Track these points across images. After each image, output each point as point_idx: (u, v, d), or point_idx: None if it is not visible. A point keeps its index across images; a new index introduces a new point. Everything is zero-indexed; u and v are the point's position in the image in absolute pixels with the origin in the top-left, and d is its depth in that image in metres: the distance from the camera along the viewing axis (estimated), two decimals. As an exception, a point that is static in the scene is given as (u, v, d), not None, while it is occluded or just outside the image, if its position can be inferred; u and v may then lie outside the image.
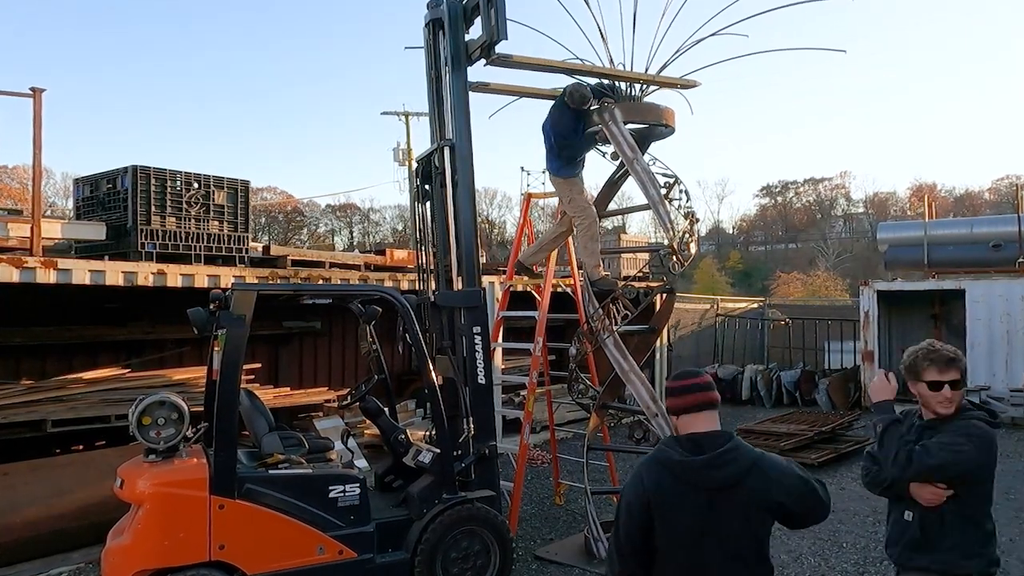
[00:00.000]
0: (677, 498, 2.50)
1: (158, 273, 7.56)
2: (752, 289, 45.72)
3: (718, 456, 2.47)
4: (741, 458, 2.49)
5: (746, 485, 2.47)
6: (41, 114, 7.18)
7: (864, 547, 6.56)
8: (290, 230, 60.48)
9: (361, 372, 9.89)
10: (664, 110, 6.44)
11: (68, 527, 6.35)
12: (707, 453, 2.48)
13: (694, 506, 2.48)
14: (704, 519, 2.48)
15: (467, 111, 5.74)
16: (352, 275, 9.82)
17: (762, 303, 20.66)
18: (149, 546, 4.39)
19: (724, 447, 2.49)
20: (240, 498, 4.59)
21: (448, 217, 5.72)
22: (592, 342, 6.50)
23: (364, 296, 6.21)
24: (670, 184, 6.31)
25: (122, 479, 4.59)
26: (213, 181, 8.49)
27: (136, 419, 4.55)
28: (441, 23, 5.81)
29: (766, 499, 2.48)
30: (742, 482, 2.46)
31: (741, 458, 2.49)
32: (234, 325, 4.73)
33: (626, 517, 2.57)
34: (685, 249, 5.99)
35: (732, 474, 2.47)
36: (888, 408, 3.16)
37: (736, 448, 2.51)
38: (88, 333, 8.98)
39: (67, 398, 7.68)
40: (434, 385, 5.40)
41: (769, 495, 2.48)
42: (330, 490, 4.88)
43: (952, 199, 63.44)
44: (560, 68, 6.30)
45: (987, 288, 13.17)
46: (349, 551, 4.84)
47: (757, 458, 2.51)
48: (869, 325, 14.41)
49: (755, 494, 2.47)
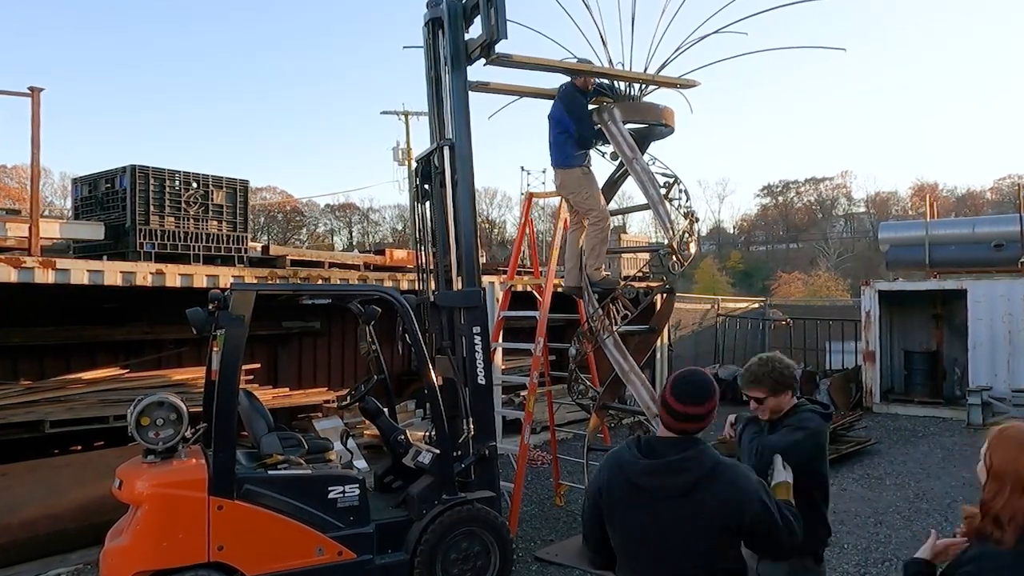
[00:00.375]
0: (623, 499, 2.44)
1: (157, 273, 7.57)
2: (753, 289, 45.76)
3: (667, 463, 2.36)
4: (696, 468, 2.34)
5: (694, 498, 2.32)
6: (39, 113, 7.19)
7: (865, 548, 6.56)
8: (289, 230, 60.51)
9: (360, 372, 9.90)
10: (663, 109, 6.45)
11: (66, 528, 6.35)
12: (658, 458, 2.39)
13: (639, 510, 2.40)
14: (646, 526, 2.39)
15: (467, 111, 5.74)
16: (351, 275, 9.83)
17: (763, 303, 20.69)
18: (148, 547, 4.39)
19: (679, 455, 2.36)
20: (239, 499, 4.59)
21: (448, 217, 5.72)
22: (592, 342, 6.51)
23: (363, 296, 6.21)
24: (670, 184, 6.32)
25: (120, 480, 4.60)
26: (212, 181, 8.50)
27: (135, 420, 4.55)
28: (441, 22, 5.81)
29: (714, 516, 2.32)
30: (689, 494, 2.32)
31: (696, 468, 2.34)
32: (233, 325, 4.73)
33: (586, 508, 2.64)
34: (685, 249, 6.00)
35: (680, 484, 2.33)
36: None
37: (693, 458, 2.36)
38: (86, 333, 8.99)
39: (65, 399, 7.69)
40: (434, 385, 5.40)
41: (719, 512, 2.32)
42: (329, 491, 4.88)
43: (954, 199, 63.51)
44: (560, 68, 6.30)
45: (989, 288, 13.17)
46: (348, 552, 4.84)
47: (716, 471, 2.35)
48: (870, 325, 14.42)
49: (703, 508, 2.31)
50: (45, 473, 6.75)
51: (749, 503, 2.36)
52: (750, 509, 2.35)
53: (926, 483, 8.79)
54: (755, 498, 2.37)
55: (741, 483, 2.38)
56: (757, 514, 2.36)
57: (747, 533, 2.39)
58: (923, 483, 8.80)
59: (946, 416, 13.13)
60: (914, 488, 8.57)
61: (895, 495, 8.27)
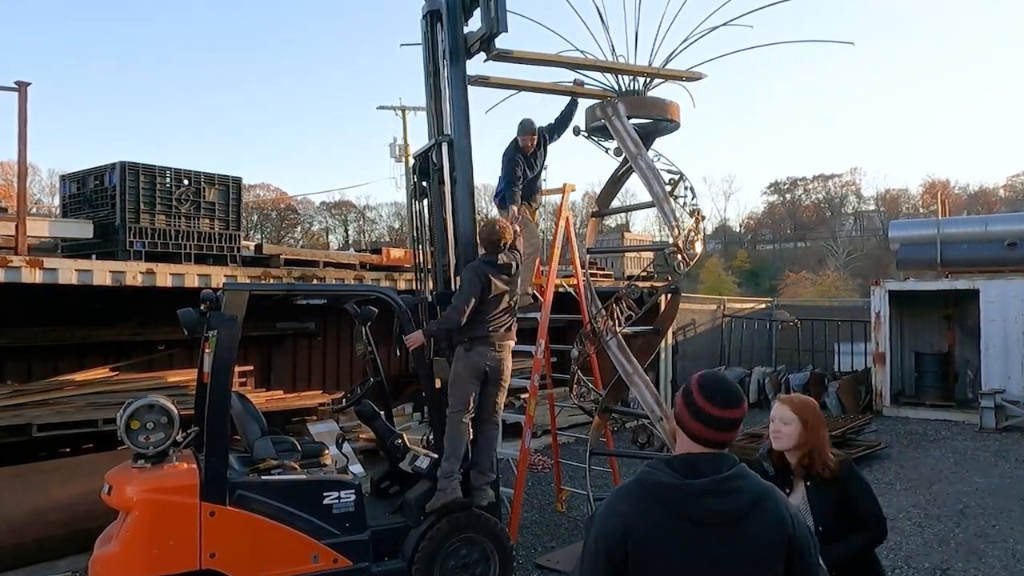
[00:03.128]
0: (666, 533, 2.00)
1: (147, 273, 7.56)
2: (760, 289, 45.77)
3: (722, 481, 2.02)
4: (748, 487, 2.05)
5: (754, 519, 2.02)
6: (27, 109, 7.18)
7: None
8: (283, 228, 60.47)
9: (356, 375, 9.91)
10: (669, 104, 6.44)
11: (54, 535, 6.33)
12: (708, 477, 2.03)
13: (689, 544, 2.00)
14: (701, 562, 2.00)
15: (466, 106, 5.73)
16: (347, 275, 9.82)
17: (770, 303, 20.67)
18: (138, 554, 4.38)
19: (728, 472, 2.05)
20: (232, 505, 4.58)
21: (446, 215, 5.72)
22: (595, 344, 6.50)
23: (360, 296, 6.21)
24: (675, 181, 6.32)
25: (110, 485, 4.59)
26: (204, 178, 8.49)
27: (124, 423, 4.54)
28: (439, 15, 5.80)
29: (777, 537, 2.03)
30: (749, 515, 2.02)
31: (748, 487, 2.05)
32: (225, 326, 4.73)
33: (593, 558, 2.05)
34: (690, 247, 5.99)
35: (738, 505, 2.02)
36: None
37: (742, 476, 2.06)
38: (75, 334, 8.98)
39: (53, 401, 7.68)
40: (432, 388, 5.39)
41: (782, 532, 2.04)
42: (324, 496, 4.87)
43: (966, 196, 63.43)
44: (562, 63, 6.30)
45: (1002, 288, 13.18)
46: (344, 559, 4.84)
47: (767, 489, 2.09)
48: (881, 326, 14.42)
49: (767, 531, 2.03)
50: (32, 478, 6.74)
51: (800, 525, 2.09)
52: (800, 532, 2.07)
53: (938, 488, 8.79)
54: (802, 520, 2.12)
55: (793, 507, 2.16)
56: (805, 538, 2.08)
57: (794, 557, 2.06)
58: (935, 488, 8.79)
59: (958, 419, 13.12)
60: (925, 494, 8.57)
61: (906, 501, 8.26)
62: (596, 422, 6.66)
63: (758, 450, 3.49)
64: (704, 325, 17.72)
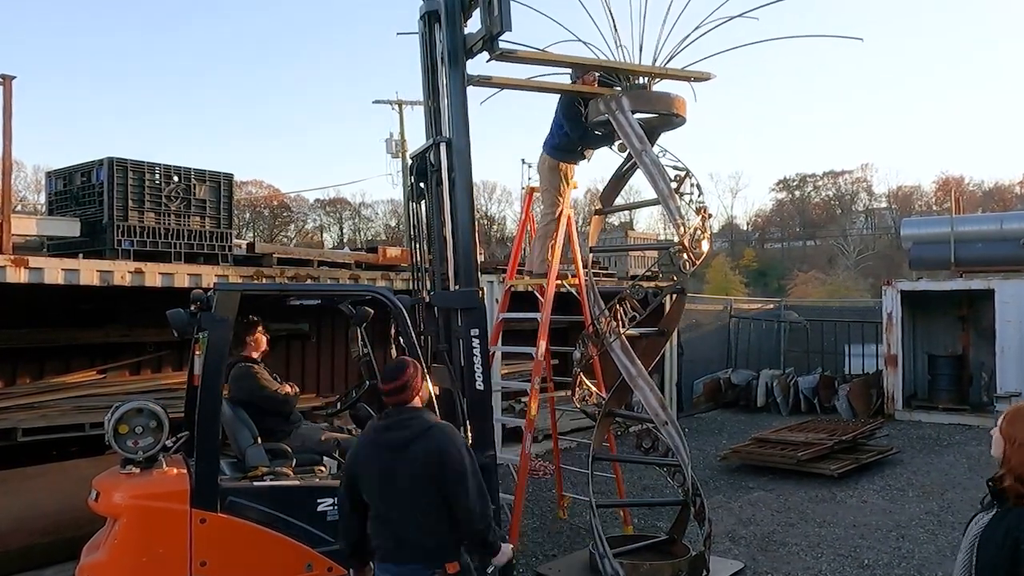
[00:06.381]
0: (366, 456, 3.57)
1: (136, 272, 7.56)
2: (768, 289, 45.85)
3: (396, 420, 3.53)
4: (416, 425, 3.49)
5: (416, 447, 3.42)
6: (11, 103, 7.19)
7: (887, 563, 6.57)
8: (276, 226, 60.49)
9: (351, 377, 9.90)
10: (675, 99, 6.43)
11: (39, 542, 6.34)
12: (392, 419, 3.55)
13: (376, 462, 3.50)
14: (384, 475, 3.44)
15: (465, 107, 5.69)
16: (342, 274, 9.83)
17: (778, 304, 20.69)
18: (126, 563, 4.38)
19: (402, 416, 3.53)
20: (223, 511, 4.57)
21: (445, 215, 5.71)
22: (598, 345, 6.50)
23: (355, 297, 6.21)
24: (681, 177, 6.31)
25: (97, 491, 4.58)
26: (194, 174, 8.49)
27: (112, 427, 4.54)
28: (437, 15, 5.77)
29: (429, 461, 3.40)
30: (412, 444, 3.43)
31: (416, 425, 3.49)
32: (217, 327, 4.72)
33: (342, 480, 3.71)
34: (696, 246, 5.98)
35: (404, 437, 3.46)
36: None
37: (415, 418, 3.53)
38: (61, 336, 8.97)
39: (39, 405, 7.69)
40: (430, 391, 5.38)
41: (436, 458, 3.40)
42: (319, 503, 4.85)
43: (981, 193, 63.49)
44: (567, 62, 6.30)
45: (1018, 288, 13.17)
46: (339, 568, 4.82)
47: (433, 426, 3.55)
48: (892, 328, 14.43)
49: (422, 455, 3.42)
50: (17, 484, 6.75)
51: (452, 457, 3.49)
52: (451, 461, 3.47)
53: (951, 494, 8.79)
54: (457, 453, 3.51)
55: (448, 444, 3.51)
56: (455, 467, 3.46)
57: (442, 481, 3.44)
58: (948, 495, 8.80)
59: (972, 424, 13.11)
60: (939, 500, 8.57)
61: (918, 507, 8.27)
62: (599, 426, 6.65)
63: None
64: (710, 326, 17.73)
